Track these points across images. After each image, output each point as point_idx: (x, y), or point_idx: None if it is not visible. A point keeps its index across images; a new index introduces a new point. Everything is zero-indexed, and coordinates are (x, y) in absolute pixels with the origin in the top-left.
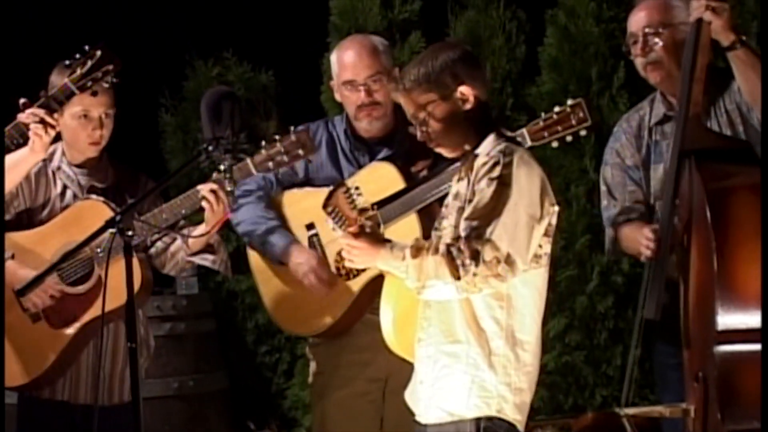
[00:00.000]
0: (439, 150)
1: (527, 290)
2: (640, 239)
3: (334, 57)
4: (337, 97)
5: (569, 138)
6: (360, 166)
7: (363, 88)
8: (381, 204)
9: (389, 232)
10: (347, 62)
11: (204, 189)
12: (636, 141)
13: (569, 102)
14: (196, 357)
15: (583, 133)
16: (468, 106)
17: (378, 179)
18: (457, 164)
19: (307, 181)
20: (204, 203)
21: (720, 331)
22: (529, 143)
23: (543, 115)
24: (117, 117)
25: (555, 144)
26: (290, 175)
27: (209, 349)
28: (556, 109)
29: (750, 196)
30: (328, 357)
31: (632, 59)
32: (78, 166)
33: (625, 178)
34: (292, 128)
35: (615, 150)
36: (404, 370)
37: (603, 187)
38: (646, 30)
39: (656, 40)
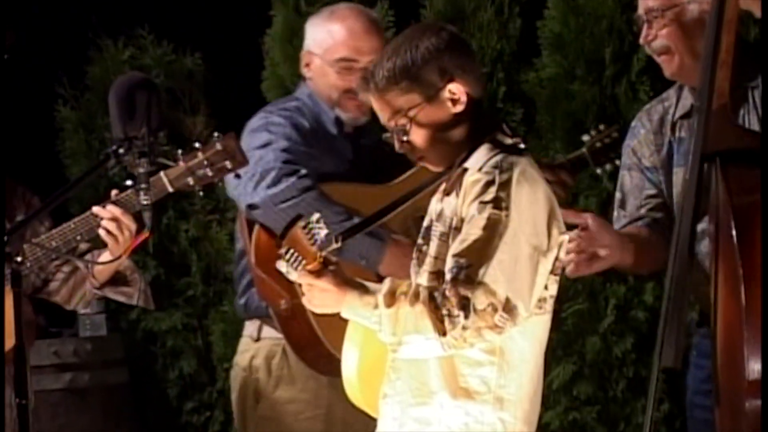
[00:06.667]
0: (423, 163)
1: (526, 342)
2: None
3: (324, 25)
4: (307, 72)
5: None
6: (351, 162)
7: (361, 72)
8: (347, 234)
9: None
10: (349, 35)
11: (102, 214)
12: (656, 138)
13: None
14: (104, 416)
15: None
16: (459, 107)
17: None
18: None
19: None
20: (103, 234)
21: (752, 380)
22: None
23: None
24: (3, 112)
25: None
26: None
27: (121, 405)
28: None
29: None
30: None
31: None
32: None
33: (643, 181)
34: (216, 134)
35: (631, 148)
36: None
37: (618, 195)
38: (650, 13)
39: (661, 23)
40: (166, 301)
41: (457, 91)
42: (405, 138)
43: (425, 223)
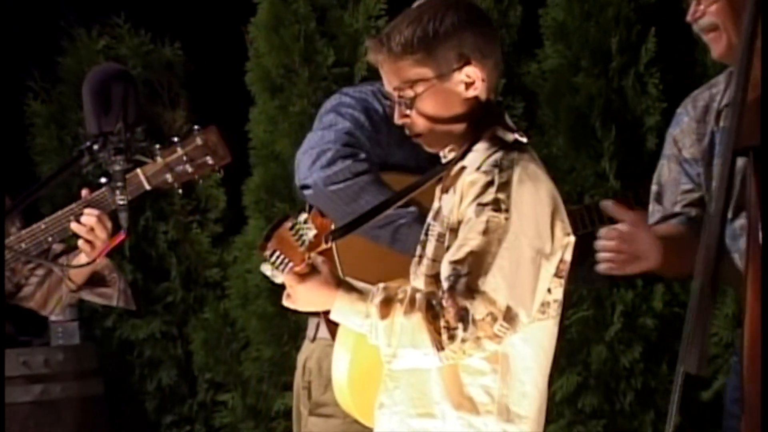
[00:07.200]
0: (418, 141)
1: (529, 348)
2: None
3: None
4: None
5: None
6: (428, 158)
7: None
8: (337, 235)
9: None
10: None
11: (80, 232)
12: (699, 127)
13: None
14: (77, 430)
15: None
16: (471, 93)
17: None
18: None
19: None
20: (80, 243)
21: None
22: None
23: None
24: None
25: None
26: None
27: (95, 419)
28: None
29: None
30: None
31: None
32: None
33: (680, 174)
34: (196, 128)
35: (673, 137)
36: None
37: (654, 187)
38: None
39: None
40: (143, 307)
41: (473, 75)
42: (407, 112)
43: (428, 220)
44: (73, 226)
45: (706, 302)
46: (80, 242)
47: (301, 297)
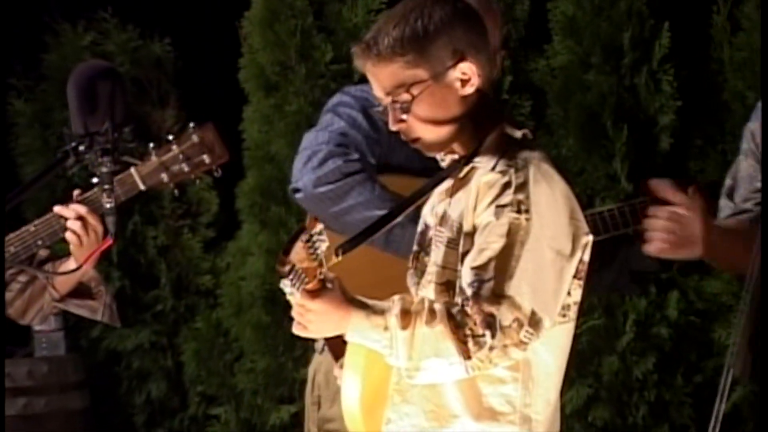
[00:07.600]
0: (417, 146)
1: (550, 354)
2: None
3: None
4: None
5: None
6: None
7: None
8: (347, 247)
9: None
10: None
11: (66, 213)
12: None
13: None
14: None
15: None
16: (468, 89)
17: None
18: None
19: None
20: (68, 235)
21: None
22: None
23: None
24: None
25: None
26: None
27: None
28: None
29: None
30: None
31: None
32: None
33: (757, 171)
34: (192, 125)
35: (751, 131)
36: None
37: (728, 181)
38: None
39: None
40: (132, 316)
41: (468, 71)
42: (404, 116)
43: (419, 228)
44: (58, 208)
45: (757, 306)
46: (68, 234)
47: (314, 319)
